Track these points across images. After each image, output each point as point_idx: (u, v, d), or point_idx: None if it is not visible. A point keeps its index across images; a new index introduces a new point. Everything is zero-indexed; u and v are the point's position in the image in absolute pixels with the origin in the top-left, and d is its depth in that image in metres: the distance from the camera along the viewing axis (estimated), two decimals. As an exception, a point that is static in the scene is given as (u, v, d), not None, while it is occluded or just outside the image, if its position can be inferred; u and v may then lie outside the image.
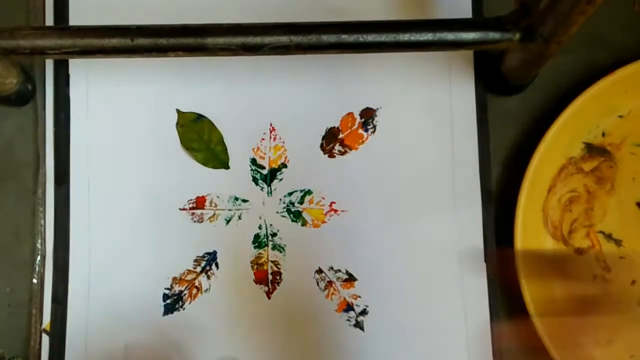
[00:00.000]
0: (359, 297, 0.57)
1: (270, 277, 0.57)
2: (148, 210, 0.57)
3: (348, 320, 0.57)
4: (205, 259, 0.57)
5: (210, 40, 0.47)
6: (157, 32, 0.47)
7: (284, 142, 0.58)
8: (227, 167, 0.58)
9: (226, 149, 0.58)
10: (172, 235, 0.57)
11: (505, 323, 0.57)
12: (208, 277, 0.57)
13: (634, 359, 0.56)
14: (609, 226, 0.57)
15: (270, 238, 0.57)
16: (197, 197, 0.58)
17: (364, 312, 0.57)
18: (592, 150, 0.57)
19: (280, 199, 0.58)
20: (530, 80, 0.56)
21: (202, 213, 0.58)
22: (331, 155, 0.58)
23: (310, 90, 0.59)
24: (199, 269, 0.57)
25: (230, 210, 0.57)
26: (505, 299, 0.57)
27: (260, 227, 0.58)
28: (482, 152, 0.58)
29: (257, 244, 0.57)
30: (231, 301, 0.57)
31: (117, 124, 0.58)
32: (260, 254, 0.57)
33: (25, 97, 0.57)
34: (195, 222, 0.57)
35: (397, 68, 0.58)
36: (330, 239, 0.54)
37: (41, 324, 0.56)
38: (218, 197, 0.58)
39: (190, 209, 0.58)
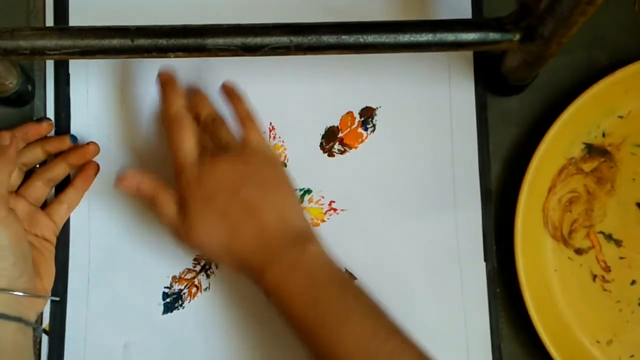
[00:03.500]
0: (359, 296, 0.57)
1: (270, 276, 0.57)
2: (148, 209, 0.57)
3: (348, 320, 0.57)
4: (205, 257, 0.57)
5: (210, 41, 0.47)
6: (157, 32, 0.47)
7: (283, 142, 0.58)
8: (227, 166, 0.58)
9: (226, 148, 0.58)
10: (172, 235, 0.57)
11: (504, 323, 0.57)
12: (207, 276, 0.57)
13: (634, 359, 0.56)
14: (609, 227, 0.57)
15: (270, 238, 0.57)
16: (197, 197, 0.58)
17: (363, 312, 0.57)
18: (592, 150, 0.57)
19: (280, 199, 0.58)
20: (530, 81, 0.56)
21: (202, 213, 0.58)
22: (331, 155, 0.58)
23: (310, 89, 0.59)
24: (198, 268, 0.57)
25: (230, 209, 0.57)
26: (505, 299, 0.57)
27: (260, 227, 0.57)
28: (482, 152, 0.58)
29: (257, 244, 0.57)
30: (231, 300, 0.57)
31: (117, 124, 0.58)
32: (260, 253, 0.57)
33: (25, 97, 0.57)
34: (195, 221, 0.57)
35: (396, 67, 0.58)
36: (329, 238, 0.54)
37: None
38: None
39: (190, 208, 0.58)
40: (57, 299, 0.56)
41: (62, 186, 0.57)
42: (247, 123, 0.53)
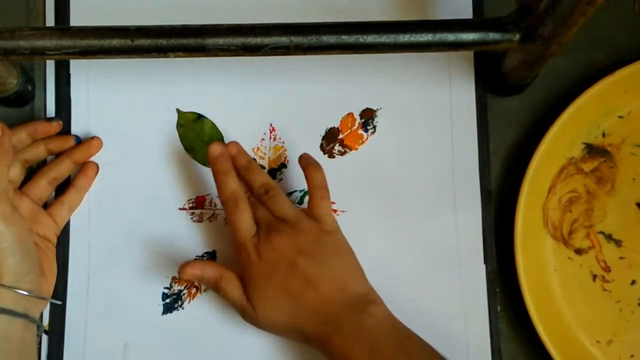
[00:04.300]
0: (359, 297, 0.57)
1: (270, 277, 0.57)
2: (148, 210, 0.58)
3: (348, 320, 0.56)
4: (205, 258, 0.57)
5: (210, 41, 0.47)
6: (157, 32, 0.47)
7: (283, 142, 0.58)
8: (227, 167, 0.58)
9: (226, 148, 0.58)
10: (172, 235, 0.57)
11: (504, 323, 0.57)
12: (208, 277, 0.57)
13: (634, 359, 0.56)
14: (609, 227, 0.57)
15: (270, 238, 0.57)
16: (197, 197, 0.58)
17: (363, 312, 0.57)
18: (592, 150, 0.57)
19: (280, 199, 0.58)
20: (530, 81, 0.56)
21: (201, 213, 0.58)
22: (331, 156, 0.58)
23: (310, 90, 0.59)
24: (198, 269, 0.57)
25: (230, 210, 0.57)
26: (505, 299, 0.57)
27: (260, 227, 0.57)
28: (482, 152, 0.58)
29: (257, 244, 0.57)
30: (231, 301, 0.57)
31: (117, 123, 0.58)
32: (260, 253, 0.57)
33: (25, 97, 0.57)
34: (194, 221, 0.57)
35: (397, 68, 0.58)
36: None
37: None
38: (217, 197, 0.58)
39: (190, 208, 0.58)
40: (60, 302, 0.56)
41: (62, 188, 0.57)
42: (319, 192, 0.54)
